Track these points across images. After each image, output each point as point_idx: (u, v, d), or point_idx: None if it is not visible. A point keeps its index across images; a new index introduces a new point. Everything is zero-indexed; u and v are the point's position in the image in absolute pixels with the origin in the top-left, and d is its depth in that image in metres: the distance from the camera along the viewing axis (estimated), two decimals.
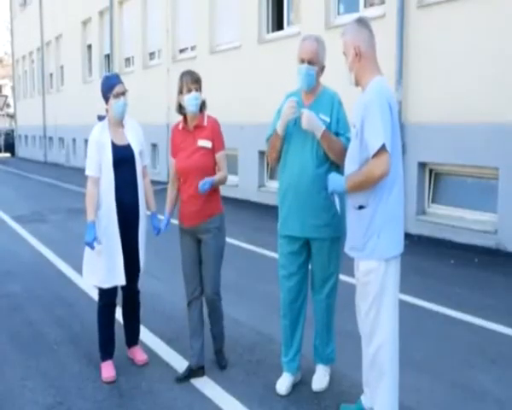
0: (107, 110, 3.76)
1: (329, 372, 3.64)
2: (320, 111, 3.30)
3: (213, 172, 3.67)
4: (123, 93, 3.69)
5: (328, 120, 3.29)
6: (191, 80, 3.65)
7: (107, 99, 3.71)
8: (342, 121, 3.33)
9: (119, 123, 3.77)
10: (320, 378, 3.57)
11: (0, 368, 3.97)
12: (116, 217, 3.65)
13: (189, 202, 3.67)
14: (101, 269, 3.68)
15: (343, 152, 3.13)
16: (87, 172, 3.67)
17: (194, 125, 3.69)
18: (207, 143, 3.65)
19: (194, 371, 3.74)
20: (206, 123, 3.69)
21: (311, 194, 3.29)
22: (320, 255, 3.41)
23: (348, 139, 3.19)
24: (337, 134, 3.29)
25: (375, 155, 2.75)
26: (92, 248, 3.56)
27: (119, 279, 3.72)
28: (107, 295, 3.78)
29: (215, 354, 3.92)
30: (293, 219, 3.39)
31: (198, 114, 3.68)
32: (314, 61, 3.31)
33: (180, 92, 3.67)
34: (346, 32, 2.96)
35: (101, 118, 3.83)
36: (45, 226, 9.45)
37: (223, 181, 3.72)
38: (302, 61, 3.32)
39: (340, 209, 3.37)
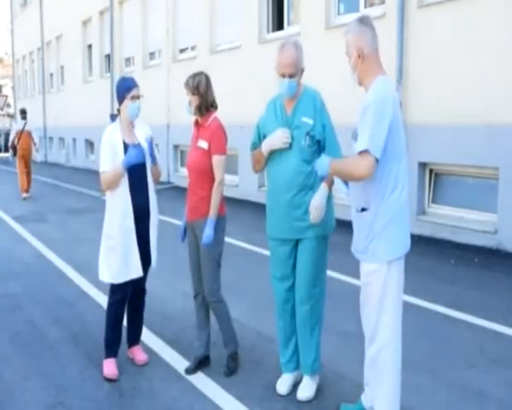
0: (119, 110, 3.86)
1: (317, 381, 3.53)
2: (302, 114, 3.32)
3: (210, 174, 3.65)
4: (138, 97, 3.81)
5: (311, 122, 3.30)
6: (184, 84, 3.76)
7: (122, 99, 3.80)
8: (328, 129, 3.32)
9: (131, 123, 3.88)
10: (307, 386, 3.45)
11: (0, 368, 3.97)
12: (132, 210, 3.73)
13: (188, 197, 3.80)
14: (114, 264, 3.73)
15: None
16: (102, 169, 3.73)
17: (199, 123, 3.77)
18: (204, 144, 3.67)
19: (202, 362, 3.83)
20: (208, 124, 3.72)
21: (296, 197, 3.28)
22: (307, 254, 3.36)
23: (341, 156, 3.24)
24: (325, 148, 3.31)
25: (360, 155, 2.75)
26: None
27: (136, 271, 3.77)
28: (119, 291, 3.80)
29: (226, 358, 3.84)
30: (281, 222, 3.39)
31: (197, 114, 3.74)
32: (295, 73, 3.28)
33: None
34: (349, 32, 2.92)
35: (113, 117, 3.95)
36: (45, 226, 9.45)
37: (218, 195, 3.64)
38: (283, 76, 3.28)
39: (330, 207, 3.38)
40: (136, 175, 3.75)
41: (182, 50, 14.56)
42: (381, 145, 2.73)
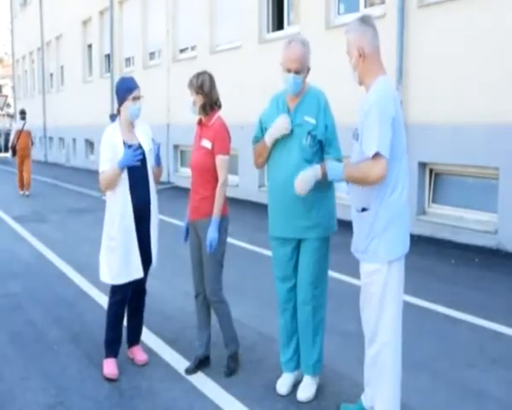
0: (119, 111, 3.84)
1: (318, 381, 3.53)
2: (305, 113, 3.31)
3: (213, 173, 3.66)
4: (139, 98, 3.80)
5: (313, 121, 3.28)
6: (188, 85, 3.75)
7: (122, 100, 3.78)
8: (330, 130, 3.31)
9: (131, 124, 3.87)
10: (308, 386, 3.45)
11: (0, 368, 3.97)
12: (132, 210, 3.73)
13: (191, 196, 3.79)
14: (115, 265, 3.73)
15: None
16: (102, 169, 3.72)
17: (202, 123, 3.77)
18: (207, 144, 3.67)
19: (202, 362, 3.84)
20: (211, 123, 3.71)
21: (298, 196, 3.25)
22: (309, 255, 3.36)
23: (339, 159, 3.24)
24: (325, 147, 3.30)
25: (373, 159, 2.75)
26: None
27: (136, 272, 3.78)
28: (120, 292, 3.80)
29: (226, 359, 3.84)
30: (283, 222, 3.38)
31: (201, 114, 3.74)
32: (300, 69, 3.25)
33: None
34: (350, 31, 2.91)
35: (113, 117, 3.92)
36: (45, 226, 9.45)
37: (222, 195, 3.64)
38: (288, 71, 3.26)
39: (332, 208, 3.37)
40: (137, 174, 3.75)
41: (182, 50, 14.56)
42: (389, 145, 2.73)
